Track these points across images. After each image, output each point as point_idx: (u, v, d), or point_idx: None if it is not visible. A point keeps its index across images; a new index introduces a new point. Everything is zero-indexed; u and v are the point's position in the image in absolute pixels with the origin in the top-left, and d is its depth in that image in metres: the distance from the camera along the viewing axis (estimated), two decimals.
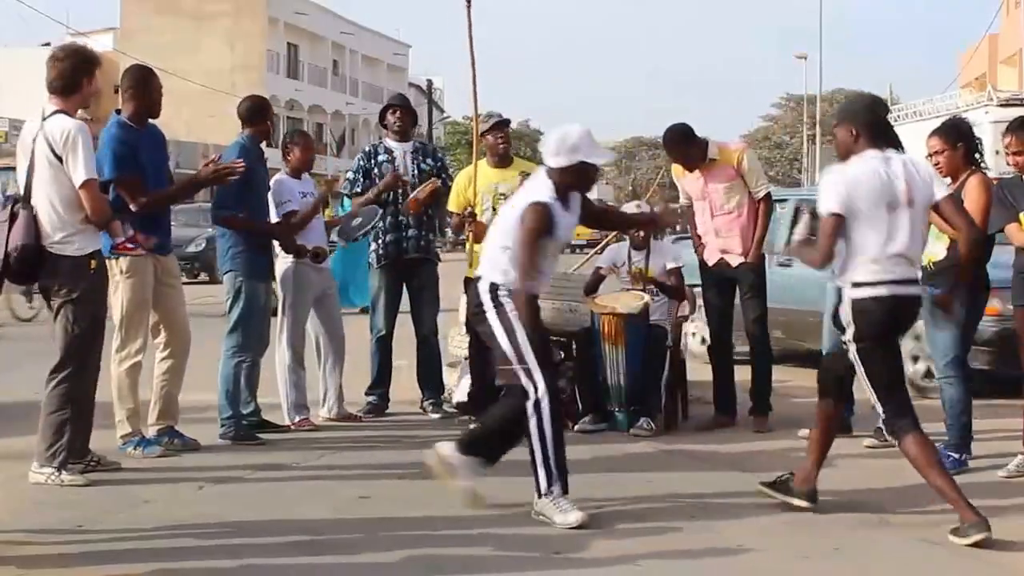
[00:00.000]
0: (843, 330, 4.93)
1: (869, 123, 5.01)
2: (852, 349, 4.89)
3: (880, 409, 4.93)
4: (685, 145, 7.19)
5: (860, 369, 4.90)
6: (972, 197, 5.90)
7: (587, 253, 11.86)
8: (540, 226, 4.90)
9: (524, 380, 4.86)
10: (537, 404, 4.83)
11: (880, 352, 4.88)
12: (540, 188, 5.03)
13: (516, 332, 4.91)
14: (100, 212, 5.55)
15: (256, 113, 6.96)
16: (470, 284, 7.38)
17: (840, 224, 4.78)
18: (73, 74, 5.58)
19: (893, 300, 4.84)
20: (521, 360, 4.87)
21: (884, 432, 6.53)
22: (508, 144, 7.53)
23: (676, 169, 7.51)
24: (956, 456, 5.92)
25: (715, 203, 7.17)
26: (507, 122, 7.55)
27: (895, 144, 6.63)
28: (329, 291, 7.43)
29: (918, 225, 4.90)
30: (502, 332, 4.96)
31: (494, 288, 5.02)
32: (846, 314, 4.89)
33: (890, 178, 4.84)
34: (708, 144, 7.17)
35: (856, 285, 4.84)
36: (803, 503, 5.05)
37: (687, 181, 7.33)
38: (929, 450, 4.85)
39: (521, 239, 4.91)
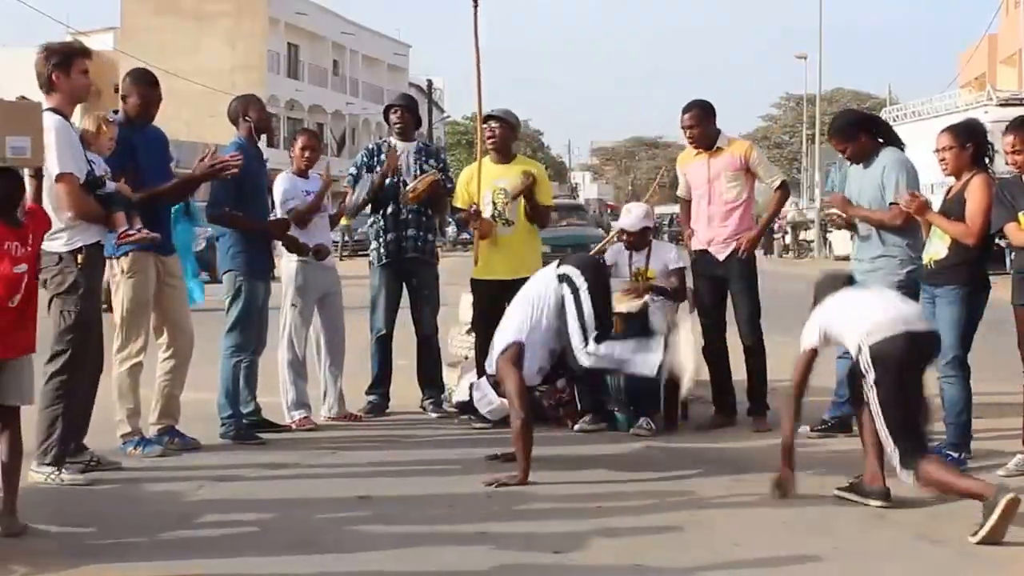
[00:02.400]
0: None
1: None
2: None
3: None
4: (704, 117, 7.20)
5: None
6: (974, 197, 5.90)
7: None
8: None
9: None
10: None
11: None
12: None
13: None
14: (76, 206, 5.57)
15: (239, 110, 6.94)
16: (476, 285, 7.42)
17: None
18: (44, 71, 5.60)
19: None
20: None
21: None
22: (496, 138, 7.40)
23: (682, 157, 7.50)
24: (956, 455, 5.91)
25: (716, 191, 7.15)
26: (496, 117, 7.43)
27: (897, 143, 6.66)
28: (333, 290, 7.41)
29: None
30: None
31: None
32: None
33: None
34: (720, 133, 7.20)
35: None
36: (877, 503, 5.20)
37: (692, 168, 7.31)
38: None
39: None
